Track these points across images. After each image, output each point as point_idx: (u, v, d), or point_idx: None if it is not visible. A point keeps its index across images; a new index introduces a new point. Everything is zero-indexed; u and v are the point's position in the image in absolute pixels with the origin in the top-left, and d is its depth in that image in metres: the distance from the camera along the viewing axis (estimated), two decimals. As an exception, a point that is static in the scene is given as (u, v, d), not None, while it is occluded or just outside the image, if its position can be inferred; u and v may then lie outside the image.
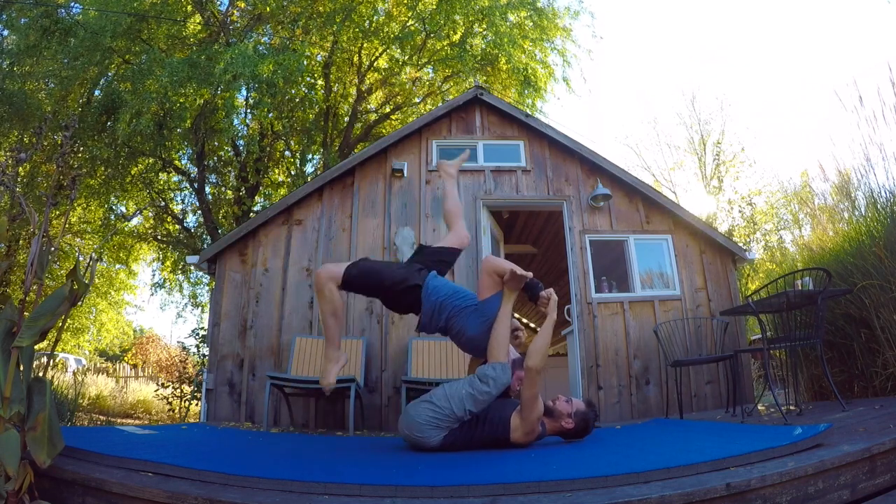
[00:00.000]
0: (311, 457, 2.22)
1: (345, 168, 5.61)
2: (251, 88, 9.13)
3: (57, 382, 6.59)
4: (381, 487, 1.52)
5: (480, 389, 2.37)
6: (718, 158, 14.98)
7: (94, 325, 13.41)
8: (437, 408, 2.35)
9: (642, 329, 5.20)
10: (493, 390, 2.37)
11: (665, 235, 5.58)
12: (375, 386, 4.94)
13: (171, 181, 11.56)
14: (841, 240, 4.40)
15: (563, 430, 2.52)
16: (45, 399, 1.57)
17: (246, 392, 4.92)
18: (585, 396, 4.97)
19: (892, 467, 1.69)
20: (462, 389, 2.38)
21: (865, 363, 3.81)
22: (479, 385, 2.38)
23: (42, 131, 6.24)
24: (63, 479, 1.54)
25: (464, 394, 2.36)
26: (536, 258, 8.58)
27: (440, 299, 2.42)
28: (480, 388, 2.37)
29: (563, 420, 2.51)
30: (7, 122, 8.49)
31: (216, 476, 1.57)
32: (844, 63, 24.14)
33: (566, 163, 5.81)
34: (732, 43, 34.45)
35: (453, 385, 2.43)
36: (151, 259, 12.77)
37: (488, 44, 10.20)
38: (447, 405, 2.35)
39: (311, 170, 11.70)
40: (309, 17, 10.04)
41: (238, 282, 5.25)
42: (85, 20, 8.97)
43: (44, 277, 1.69)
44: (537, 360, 2.33)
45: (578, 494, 1.44)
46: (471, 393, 2.36)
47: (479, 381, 2.39)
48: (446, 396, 2.37)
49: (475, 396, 2.36)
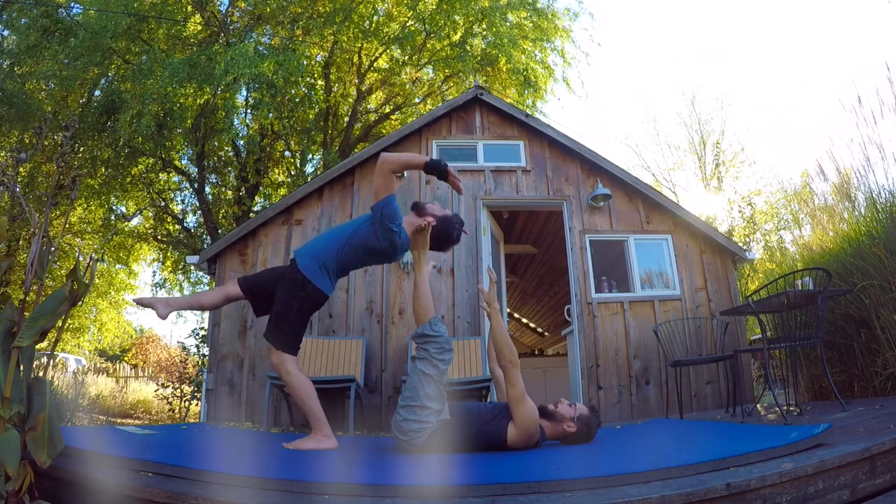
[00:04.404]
0: (311, 457, 2.22)
1: (345, 168, 5.61)
2: (251, 89, 9.13)
3: (57, 382, 6.59)
4: (381, 487, 1.52)
5: (430, 351, 2.30)
6: (718, 158, 14.98)
7: (95, 325, 13.41)
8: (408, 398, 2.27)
9: (642, 329, 5.20)
10: (437, 343, 2.31)
11: (665, 235, 5.58)
12: (375, 386, 4.94)
13: (171, 181, 11.56)
14: (841, 240, 4.40)
15: (565, 433, 2.44)
16: (45, 399, 1.57)
17: (246, 392, 4.92)
18: (586, 396, 4.97)
19: (892, 467, 1.69)
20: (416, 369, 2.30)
21: (865, 363, 3.81)
22: (427, 350, 2.31)
23: (42, 131, 6.23)
24: (63, 479, 1.54)
25: (419, 370, 2.28)
26: (536, 258, 8.58)
27: (321, 260, 2.47)
28: (428, 350, 2.31)
29: (564, 424, 2.45)
30: (7, 122, 8.49)
31: (216, 476, 1.57)
32: (844, 63, 24.14)
33: (566, 163, 5.81)
34: (732, 43, 34.46)
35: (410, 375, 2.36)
36: (151, 259, 12.77)
37: (488, 44, 10.21)
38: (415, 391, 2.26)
39: (311, 170, 11.70)
40: (309, 17, 10.04)
41: (238, 282, 5.25)
42: (85, 20, 8.97)
43: (44, 277, 1.68)
44: (507, 353, 2.28)
45: (578, 494, 1.44)
46: (425, 361, 2.29)
47: (421, 347, 2.34)
48: (411, 386, 2.30)
49: (430, 360, 2.29)
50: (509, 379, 2.27)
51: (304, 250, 2.54)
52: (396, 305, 5.19)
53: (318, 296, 2.47)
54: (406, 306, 5.17)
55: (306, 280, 2.43)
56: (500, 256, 6.33)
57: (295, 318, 2.45)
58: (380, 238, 2.47)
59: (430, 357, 2.31)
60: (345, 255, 2.50)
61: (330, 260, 2.48)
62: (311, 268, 2.45)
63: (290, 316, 2.44)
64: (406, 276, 5.27)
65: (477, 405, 2.48)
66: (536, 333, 12.95)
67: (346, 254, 2.50)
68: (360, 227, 2.53)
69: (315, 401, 2.45)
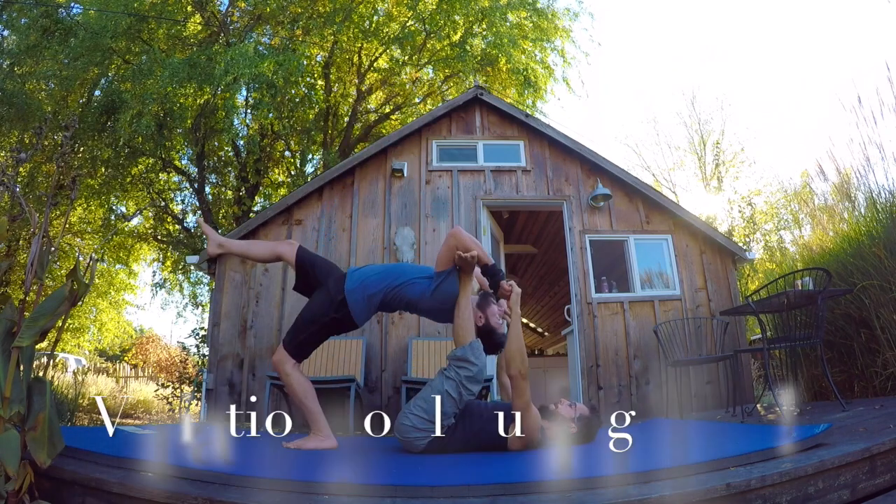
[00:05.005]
0: (310, 457, 2.22)
1: (345, 168, 5.61)
2: (251, 89, 9.13)
3: (57, 382, 6.60)
4: (381, 487, 1.52)
5: (461, 376, 2.28)
6: (718, 158, 14.98)
7: (95, 325, 13.41)
8: (422, 409, 2.26)
9: (642, 329, 5.21)
10: (471, 370, 2.30)
11: (665, 235, 5.58)
12: (375, 386, 4.94)
13: (171, 181, 11.57)
14: (841, 240, 4.40)
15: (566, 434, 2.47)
16: (45, 399, 1.56)
17: (246, 392, 4.92)
18: (585, 396, 4.97)
19: (892, 467, 1.69)
20: (443, 389, 2.28)
21: (865, 363, 3.81)
22: (458, 372, 2.29)
23: (42, 131, 6.23)
24: (63, 479, 1.54)
25: (445, 390, 2.26)
26: (536, 258, 8.58)
27: (368, 292, 2.41)
28: (461, 374, 2.29)
29: (566, 424, 2.47)
30: (7, 122, 8.49)
31: (216, 476, 1.57)
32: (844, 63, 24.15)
33: (566, 163, 5.81)
34: (732, 42, 34.47)
35: (434, 384, 2.34)
36: (152, 259, 12.78)
37: (488, 44, 10.21)
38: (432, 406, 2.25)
39: (311, 170, 11.70)
40: (309, 17, 10.04)
41: (238, 282, 5.26)
42: (85, 20, 8.98)
43: (44, 277, 1.68)
44: (518, 364, 2.24)
45: (578, 494, 1.44)
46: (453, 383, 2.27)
47: (456, 367, 2.31)
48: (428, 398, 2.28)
49: (459, 384, 2.27)
50: (517, 390, 2.25)
51: (358, 276, 2.49)
52: (396, 305, 5.18)
53: (349, 323, 2.44)
54: (406, 306, 5.17)
55: (344, 304, 2.40)
56: (500, 256, 6.32)
57: (316, 332, 2.44)
58: (427, 304, 2.45)
59: (459, 382, 2.30)
60: (391, 297, 2.47)
61: (376, 295, 2.45)
62: (356, 294, 2.41)
63: (312, 328, 2.43)
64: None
65: (478, 403, 2.48)
66: (536, 333, 12.95)
67: (393, 297, 2.47)
68: (416, 282, 2.46)
69: (314, 401, 2.44)
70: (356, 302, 2.41)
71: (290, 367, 2.42)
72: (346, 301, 2.40)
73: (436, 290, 2.40)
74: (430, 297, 2.41)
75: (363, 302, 2.43)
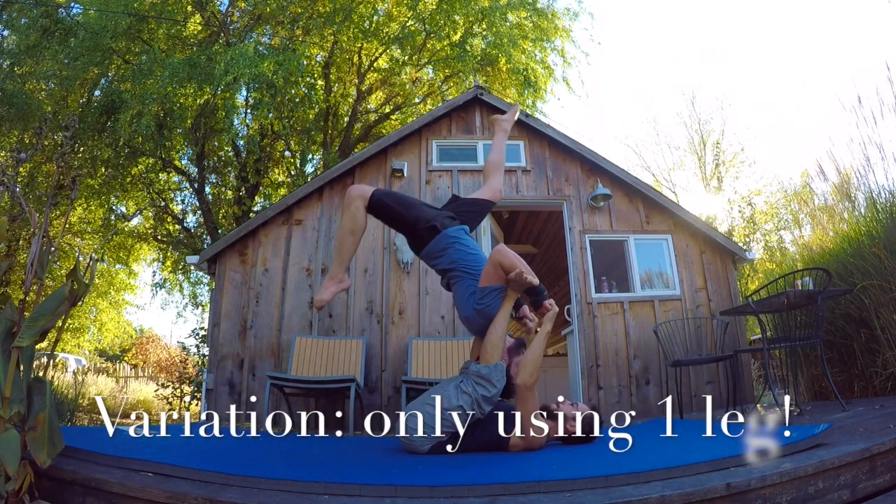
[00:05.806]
0: (310, 457, 2.22)
1: (345, 168, 5.61)
2: (251, 89, 9.13)
3: (57, 382, 6.60)
4: (381, 487, 1.52)
5: (479, 393, 2.27)
6: (718, 158, 14.98)
7: (95, 325, 13.41)
8: (431, 417, 2.25)
9: (642, 329, 5.21)
10: (490, 391, 2.28)
11: (665, 235, 5.58)
12: (375, 386, 4.94)
13: (171, 181, 11.57)
14: (841, 240, 4.40)
15: (566, 432, 2.48)
16: (45, 399, 1.57)
17: (246, 392, 4.92)
18: (586, 396, 4.97)
19: (892, 467, 1.69)
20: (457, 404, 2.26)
21: (865, 363, 3.81)
22: (476, 389, 2.28)
23: (42, 131, 6.23)
24: (63, 479, 1.54)
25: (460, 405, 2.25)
26: (536, 258, 8.58)
27: (454, 256, 2.39)
28: (478, 392, 2.27)
29: (566, 424, 2.47)
30: (7, 122, 8.50)
31: (216, 476, 1.57)
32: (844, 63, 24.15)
33: (566, 163, 5.81)
34: (732, 43, 34.47)
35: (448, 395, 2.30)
36: (151, 259, 12.78)
37: (488, 44, 10.21)
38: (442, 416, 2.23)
39: (311, 170, 11.70)
40: (309, 17, 10.05)
41: (238, 282, 5.26)
42: (85, 20, 8.98)
43: (44, 277, 1.69)
44: (526, 376, 2.23)
45: (578, 494, 1.44)
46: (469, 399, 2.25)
47: (475, 383, 2.29)
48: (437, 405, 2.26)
49: (474, 402, 2.26)
50: (521, 399, 2.25)
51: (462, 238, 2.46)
52: (396, 305, 5.19)
53: (419, 240, 2.43)
54: (406, 306, 5.18)
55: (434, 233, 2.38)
56: (500, 256, 6.32)
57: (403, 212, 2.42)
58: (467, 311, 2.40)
59: (476, 399, 2.28)
60: (450, 273, 2.45)
61: (448, 260, 2.42)
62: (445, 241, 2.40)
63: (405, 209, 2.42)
64: (406, 276, 5.27)
65: None
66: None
67: (451, 274, 2.44)
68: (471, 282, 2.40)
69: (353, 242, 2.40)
70: (437, 243, 2.39)
71: (360, 202, 2.35)
72: (438, 235, 2.39)
73: (482, 307, 2.36)
74: (474, 311, 2.37)
75: (441, 250, 2.41)
